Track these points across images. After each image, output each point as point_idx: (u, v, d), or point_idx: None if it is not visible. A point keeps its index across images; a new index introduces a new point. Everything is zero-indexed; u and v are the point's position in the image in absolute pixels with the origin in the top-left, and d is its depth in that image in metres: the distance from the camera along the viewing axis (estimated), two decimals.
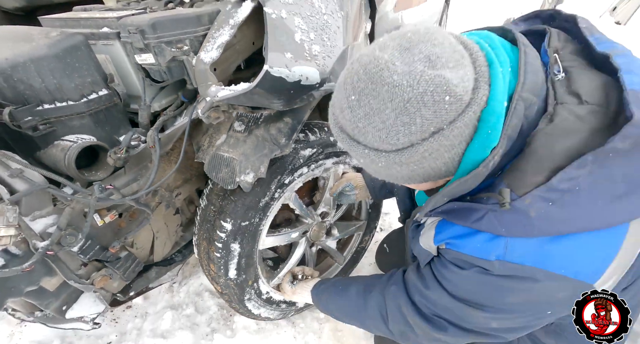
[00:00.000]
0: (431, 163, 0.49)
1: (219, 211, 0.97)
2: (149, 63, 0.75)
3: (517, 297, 0.58)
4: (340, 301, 0.91)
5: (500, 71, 0.47)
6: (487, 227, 0.55)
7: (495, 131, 0.47)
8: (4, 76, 0.64)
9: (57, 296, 0.85)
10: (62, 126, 0.72)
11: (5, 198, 0.60)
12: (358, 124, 0.48)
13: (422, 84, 0.43)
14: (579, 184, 0.47)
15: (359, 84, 0.46)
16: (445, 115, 0.45)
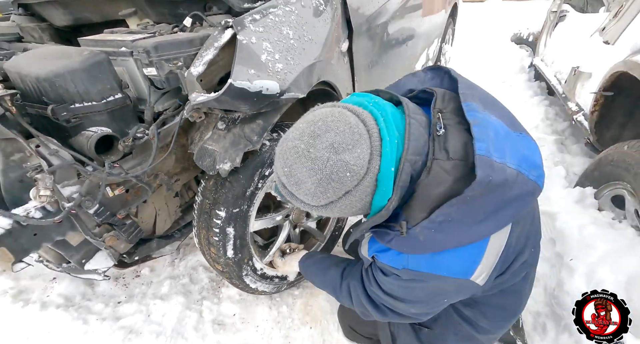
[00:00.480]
0: (349, 210, 0.71)
1: (213, 202, 1.17)
2: (153, 74, 0.99)
3: (421, 292, 0.81)
4: (322, 277, 1.14)
5: (389, 143, 0.66)
6: (395, 246, 0.76)
7: (388, 186, 0.67)
8: (49, 82, 0.89)
9: (78, 250, 1.10)
10: (87, 120, 0.97)
11: (45, 169, 0.85)
12: (292, 188, 0.69)
13: (328, 167, 0.63)
14: (451, 216, 0.67)
15: (288, 161, 0.67)
16: (349, 184, 0.65)
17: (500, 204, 0.69)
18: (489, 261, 0.76)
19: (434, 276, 0.75)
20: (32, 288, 1.53)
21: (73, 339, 1.33)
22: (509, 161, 0.68)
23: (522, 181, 0.70)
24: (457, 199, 0.65)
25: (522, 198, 0.72)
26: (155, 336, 1.32)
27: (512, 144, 0.73)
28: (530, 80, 3.90)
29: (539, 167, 0.75)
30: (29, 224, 0.87)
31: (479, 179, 0.63)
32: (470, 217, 0.68)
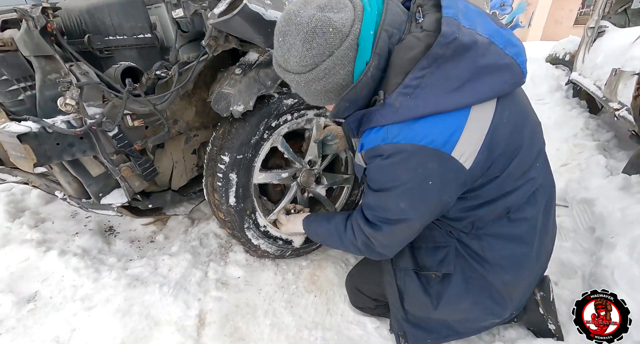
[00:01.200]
0: (333, 78, 0.73)
1: (220, 148, 1.21)
2: (180, 16, 1.08)
3: (403, 169, 0.76)
4: (326, 225, 1.11)
5: (369, 13, 0.70)
6: (375, 122, 0.76)
7: (367, 50, 0.70)
8: (89, 13, 1.00)
9: (97, 182, 1.16)
10: (118, 54, 1.07)
11: (74, 83, 0.94)
12: (284, 56, 0.72)
13: (313, 21, 0.67)
14: (424, 82, 0.69)
15: (281, 28, 0.71)
16: (333, 42, 0.68)
17: (475, 72, 0.69)
18: (472, 137, 0.72)
19: (412, 146, 0.72)
20: (55, 239, 1.61)
21: (84, 283, 1.36)
22: (479, 30, 0.70)
23: (496, 51, 0.71)
24: (426, 58, 0.67)
25: (498, 70, 0.71)
26: (159, 286, 1.32)
27: (485, 21, 0.74)
28: (568, 97, 3.77)
29: (518, 47, 0.74)
30: (54, 132, 0.94)
31: (443, 32, 0.66)
32: (444, 84, 0.69)
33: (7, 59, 0.98)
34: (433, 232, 1.02)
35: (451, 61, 0.67)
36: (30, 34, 0.92)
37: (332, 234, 1.08)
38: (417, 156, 0.73)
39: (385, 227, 0.88)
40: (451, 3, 0.72)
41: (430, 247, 1.01)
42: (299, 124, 1.31)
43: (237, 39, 1.03)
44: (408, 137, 0.72)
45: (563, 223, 1.69)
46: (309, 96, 0.81)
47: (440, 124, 0.71)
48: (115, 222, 1.77)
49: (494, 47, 0.70)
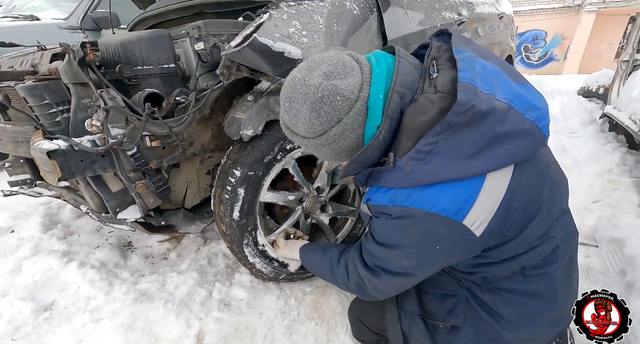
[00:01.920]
0: (343, 143, 0.72)
1: (234, 162, 1.26)
2: (201, 49, 1.19)
3: (411, 234, 0.73)
4: (321, 258, 1.09)
5: (379, 74, 0.69)
6: (384, 183, 0.74)
7: (377, 114, 0.69)
8: (122, 46, 1.14)
9: (115, 197, 1.25)
10: (144, 81, 1.18)
11: (101, 107, 1.05)
12: (292, 121, 0.73)
13: (320, 90, 0.67)
14: (437, 148, 0.65)
15: (288, 94, 0.71)
16: (341, 109, 0.68)
17: (492, 140, 0.65)
18: (486, 205, 0.68)
19: (422, 212, 0.69)
20: (78, 251, 1.71)
21: (96, 295, 1.42)
22: (498, 95, 0.65)
23: (516, 117, 0.66)
24: (440, 125, 0.64)
25: (518, 137, 0.66)
26: (163, 303, 1.35)
27: (503, 82, 0.69)
28: (603, 131, 3.59)
29: (540, 110, 0.69)
30: (79, 150, 1.04)
31: (459, 101, 0.61)
32: (459, 150, 0.65)
33: (50, 86, 1.12)
34: (442, 278, 0.96)
35: (467, 128, 0.63)
36: (70, 65, 1.05)
37: (324, 267, 1.06)
38: (426, 222, 0.70)
39: (385, 276, 0.84)
40: (467, 65, 0.67)
41: (438, 294, 0.95)
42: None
43: (248, 68, 1.11)
44: (418, 203, 0.69)
45: (592, 264, 1.56)
46: (320, 156, 0.81)
47: (453, 191, 0.67)
48: (134, 238, 1.86)
49: (513, 113, 0.65)
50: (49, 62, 1.23)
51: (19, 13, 3.16)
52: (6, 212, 2.11)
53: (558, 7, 13.46)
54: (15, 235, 1.91)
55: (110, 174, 1.23)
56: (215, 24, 1.17)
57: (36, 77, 1.13)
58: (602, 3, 12.09)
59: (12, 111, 1.45)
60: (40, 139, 1.09)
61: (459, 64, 0.68)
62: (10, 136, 1.38)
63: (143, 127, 1.09)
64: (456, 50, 0.72)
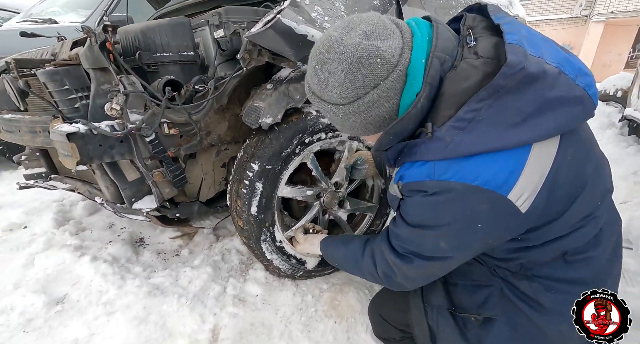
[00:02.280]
0: (376, 111, 0.66)
1: (251, 156, 1.24)
2: (221, 36, 1.18)
3: (449, 209, 0.67)
4: (344, 249, 1.04)
5: (420, 38, 0.65)
6: (420, 156, 0.69)
7: (417, 80, 0.63)
8: (142, 33, 1.13)
9: (131, 187, 1.23)
10: (163, 69, 1.17)
11: (121, 91, 1.03)
12: (321, 85, 0.66)
13: (360, 50, 0.60)
14: (480, 115, 0.60)
15: (320, 55, 0.65)
16: (380, 73, 0.62)
17: (541, 105, 0.60)
18: (532, 178, 0.63)
19: (463, 185, 0.63)
20: (90, 246, 1.69)
21: (109, 288, 1.38)
22: (547, 59, 0.61)
23: (567, 82, 0.61)
24: (486, 90, 0.59)
25: (568, 104, 0.61)
26: (177, 297, 1.31)
27: (552, 48, 0.65)
28: (622, 134, 3.51)
29: (590, 77, 0.65)
30: (98, 134, 1.03)
31: (509, 62, 0.57)
32: (504, 117, 0.60)
33: (71, 72, 1.11)
34: (472, 267, 0.91)
35: (513, 93, 0.59)
36: (92, 49, 1.04)
37: (348, 259, 1.01)
38: (468, 197, 0.64)
39: (417, 262, 0.79)
40: (514, 28, 0.63)
41: (468, 286, 0.90)
42: (332, 145, 1.32)
43: (270, 53, 1.10)
44: (458, 175, 0.64)
45: (627, 265, 1.49)
46: (345, 127, 0.74)
47: (497, 162, 0.62)
48: (146, 234, 1.84)
49: (564, 78, 0.61)
50: (69, 50, 1.23)
51: (38, 17, 3.24)
52: (19, 209, 2.11)
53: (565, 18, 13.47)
54: (28, 231, 1.90)
55: (127, 162, 1.22)
56: (235, 10, 1.17)
57: (56, 63, 1.12)
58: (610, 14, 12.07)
59: (30, 102, 1.45)
60: (59, 124, 1.08)
61: (503, 27, 0.63)
62: (28, 126, 1.38)
63: (162, 113, 1.08)
64: (496, 16, 0.68)
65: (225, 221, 1.85)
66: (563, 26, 13.57)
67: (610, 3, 11.88)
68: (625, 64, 13.05)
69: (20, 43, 2.55)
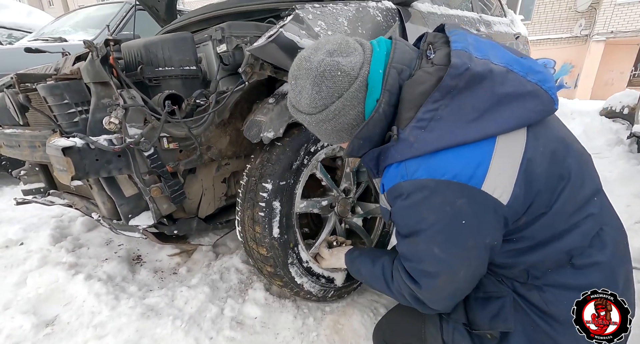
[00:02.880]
0: (344, 119, 0.73)
1: (260, 176, 1.17)
2: (223, 51, 1.17)
3: (428, 208, 0.68)
4: (371, 267, 0.98)
5: (378, 53, 0.72)
6: (392, 159, 0.73)
7: (376, 88, 0.70)
8: (145, 48, 1.12)
9: (128, 202, 1.19)
10: (164, 83, 1.16)
11: (121, 105, 1.01)
12: (296, 98, 0.75)
13: (322, 65, 0.68)
14: (438, 114, 0.66)
15: (294, 72, 0.74)
16: (341, 84, 0.69)
17: (494, 102, 0.64)
18: (504, 168, 0.64)
19: (433, 181, 0.65)
20: (86, 264, 1.64)
21: (101, 309, 1.33)
22: (494, 60, 0.67)
23: (516, 79, 0.66)
24: (438, 90, 0.64)
25: (521, 98, 0.65)
26: (172, 319, 1.25)
27: (500, 53, 0.70)
28: (631, 152, 3.46)
29: (542, 73, 0.69)
30: (95, 148, 1.00)
31: (453, 64, 0.63)
32: (461, 115, 0.65)
33: (71, 86, 1.10)
34: (482, 279, 0.86)
35: (466, 92, 0.64)
36: (93, 63, 1.04)
37: (378, 279, 0.95)
38: (441, 193, 0.66)
39: (426, 282, 0.77)
40: (460, 38, 0.70)
41: (479, 298, 0.84)
42: (334, 150, 1.29)
43: (272, 66, 1.08)
44: (427, 172, 0.66)
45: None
46: (321, 135, 0.81)
47: (463, 156, 0.65)
48: (143, 251, 1.79)
49: (512, 75, 0.66)
50: (71, 64, 1.23)
51: (49, 36, 3.32)
52: (17, 225, 2.08)
53: (566, 37, 13.66)
54: (24, 247, 1.86)
55: (124, 177, 1.19)
56: (238, 26, 1.16)
57: (57, 77, 1.12)
58: (610, 33, 12.23)
59: (31, 117, 1.44)
60: (57, 138, 1.05)
61: (451, 39, 0.70)
62: (27, 141, 1.37)
63: (161, 127, 1.05)
64: (449, 31, 0.75)
65: (225, 238, 1.80)
66: (564, 45, 13.74)
67: (609, 23, 12.06)
68: (628, 82, 13.11)
69: (29, 60, 2.59)
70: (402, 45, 0.76)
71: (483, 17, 2.48)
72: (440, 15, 1.87)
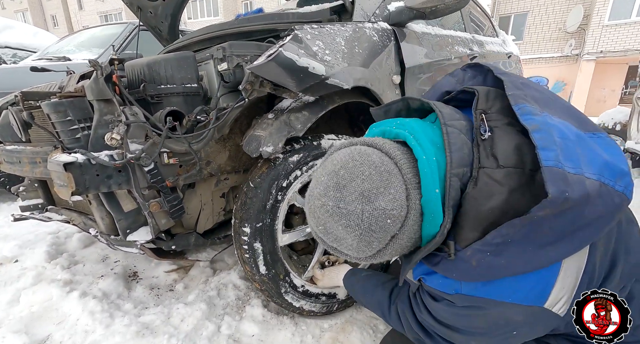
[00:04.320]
0: (399, 251, 0.65)
1: (240, 220, 1.21)
2: (224, 69, 1.21)
3: (481, 321, 0.66)
4: (369, 299, 1.00)
5: (427, 163, 0.58)
6: (442, 271, 0.66)
7: (437, 212, 0.59)
8: (148, 67, 1.16)
9: (127, 217, 1.20)
10: (166, 100, 1.19)
11: (123, 121, 1.04)
12: (333, 244, 0.64)
13: (366, 220, 0.57)
14: (511, 238, 0.56)
15: (320, 219, 0.62)
16: (393, 228, 0.59)
17: (578, 225, 0.55)
18: (567, 283, 0.61)
19: (495, 302, 0.61)
20: (81, 281, 1.61)
21: (95, 328, 1.30)
22: (586, 171, 0.55)
23: (607, 194, 0.56)
24: (521, 220, 0.54)
25: (607, 217, 0.57)
26: (167, 338, 1.22)
27: (587, 149, 0.59)
28: None
29: (626, 174, 0.59)
30: (96, 164, 1.02)
31: (552, 197, 0.51)
32: (536, 239, 0.56)
33: (75, 103, 1.13)
34: None
35: (549, 217, 0.54)
36: (97, 81, 1.06)
37: (375, 308, 0.97)
38: (502, 311, 0.62)
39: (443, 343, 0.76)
40: (546, 137, 0.56)
41: None
42: (311, 176, 1.29)
43: (272, 84, 1.11)
44: (489, 294, 0.61)
45: None
46: (371, 262, 0.73)
47: (528, 280, 0.60)
48: (140, 268, 1.76)
49: (604, 190, 0.55)
50: (76, 83, 1.26)
51: (53, 55, 3.39)
52: (13, 241, 2.06)
53: (557, 56, 14.06)
54: (18, 264, 1.83)
55: (124, 192, 1.19)
56: (239, 45, 1.20)
57: (62, 95, 1.14)
58: (600, 53, 12.60)
59: (33, 133, 1.46)
60: (58, 154, 1.07)
61: (534, 138, 0.56)
62: (28, 157, 1.38)
63: (162, 142, 1.07)
64: (520, 110, 0.60)
65: (223, 254, 1.79)
66: (555, 64, 14.12)
67: (598, 43, 12.45)
68: (620, 100, 13.40)
69: (33, 79, 2.64)
70: (455, 134, 0.61)
71: (476, 37, 2.56)
72: (435, 35, 1.93)
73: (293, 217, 1.44)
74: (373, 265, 1.43)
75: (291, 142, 1.25)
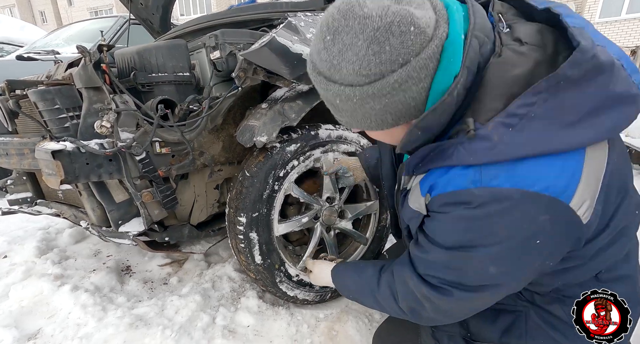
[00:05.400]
0: (401, 97, 0.54)
1: (236, 210, 1.20)
2: (217, 57, 1.19)
3: (502, 223, 0.57)
4: (357, 279, 0.91)
5: (456, 12, 0.54)
6: (458, 160, 0.57)
7: (456, 59, 0.52)
8: (139, 54, 1.14)
9: (118, 208, 1.18)
10: (157, 88, 1.17)
11: (113, 109, 1.02)
12: (333, 61, 0.53)
13: (390, 14, 0.48)
14: (534, 111, 0.51)
15: (333, 23, 0.52)
16: (412, 46, 0.49)
17: (600, 102, 0.52)
18: (590, 183, 0.55)
19: (520, 192, 0.53)
20: (72, 275, 1.59)
21: (88, 321, 1.28)
22: (609, 49, 0.54)
23: (626, 78, 0.53)
24: (547, 80, 0.50)
25: (626, 102, 0.54)
26: (161, 329, 1.21)
27: (609, 41, 0.58)
28: None
29: (638, 72, 0.57)
30: (86, 152, 1.00)
31: (583, 46, 0.48)
32: (558, 115, 0.52)
33: (63, 91, 1.10)
34: None
35: (574, 87, 0.51)
36: (85, 68, 1.04)
37: (363, 291, 0.87)
38: (526, 207, 0.54)
39: (458, 294, 0.65)
40: (570, 11, 0.55)
41: (488, 310, 0.74)
42: (308, 166, 1.28)
43: (265, 71, 1.10)
44: (513, 181, 0.53)
45: None
46: (356, 118, 0.60)
47: (554, 165, 0.53)
48: (133, 261, 1.74)
49: (624, 73, 0.53)
50: (64, 71, 1.23)
51: (41, 49, 3.32)
52: (1, 238, 2.02)
53: None
54: (7, 260, 1.80)
55: (115, 183, 1.18)
56: (232, 33, 1.19)
57: (49, 83, 1.12)
58: None
59: (20, 124, 1.43)
60: (46, 143, 1.04)
61: (558, 10, 0.55)
62: (16, 148, 1.34)
63: (154, 131, 1.05)
64: (535, 1, 0.59)
65: (217, 247, 1.78)
66: None
67: None
68: None
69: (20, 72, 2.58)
70: (479, 7, 0.59)
71: None
72: None
73: (288, 208, 1.44)
74: None
75: (288, 131, 1.24)
